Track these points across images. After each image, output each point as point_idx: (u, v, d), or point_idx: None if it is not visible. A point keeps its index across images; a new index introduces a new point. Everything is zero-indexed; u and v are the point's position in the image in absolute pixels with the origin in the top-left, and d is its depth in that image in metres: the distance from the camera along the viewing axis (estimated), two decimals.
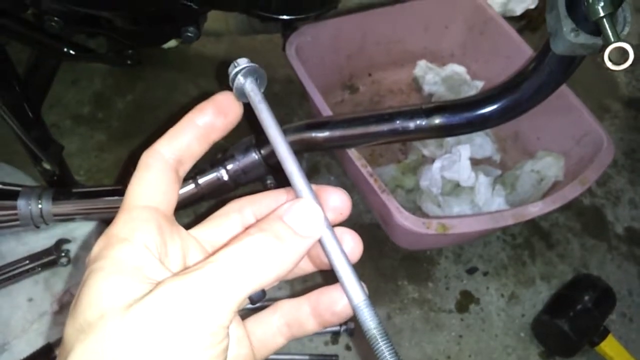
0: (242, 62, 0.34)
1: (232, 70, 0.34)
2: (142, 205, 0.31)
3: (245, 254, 0.29)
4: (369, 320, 0.31)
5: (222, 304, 0.27)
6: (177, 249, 0.33)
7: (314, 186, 0.34)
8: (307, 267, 0.36)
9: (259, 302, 0.33)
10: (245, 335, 0.33)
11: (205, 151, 0.34)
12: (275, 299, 0.37)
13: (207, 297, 0.27)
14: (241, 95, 0.34)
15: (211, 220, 0.36)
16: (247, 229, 0.31)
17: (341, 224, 0.35)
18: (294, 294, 1.03)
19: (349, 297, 0.32)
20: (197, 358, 0.26)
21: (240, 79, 0.34)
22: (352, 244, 0.34)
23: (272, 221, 0.31)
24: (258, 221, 0.32)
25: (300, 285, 1.06)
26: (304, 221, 0.31)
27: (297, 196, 0.33)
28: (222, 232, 0.35)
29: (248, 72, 0.34)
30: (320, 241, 0.32)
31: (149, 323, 0.26)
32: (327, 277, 0.31)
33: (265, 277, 0.29)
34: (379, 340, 0.30)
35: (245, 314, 0.35)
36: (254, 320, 0.35)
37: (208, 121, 0.33)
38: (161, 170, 0.33)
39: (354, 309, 0.31)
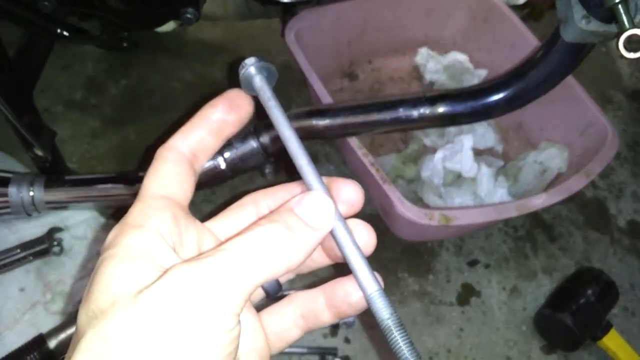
0: (251, 61, 0.35)
1: (242, 70, 0.34)
2: (158, 195, 0.31)
3: (255, 243, 0.28)
4: (383, 311, 0.30)
5: (232, 291, 0.27)
6: (192, 240, 0.32)
7: (325, 178, 0.33)
8: (322, 260, 0.36)
9: (275, 295, 0.34)
10: (261, 327, 0.33)
11: (220, 146, 0.35)
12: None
13: (216, 283, 0.27)
14: (251, 91, 0.35)
15: (226, 212, 0.36)
16: (259, 220, 0.31)
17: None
18: (292, 286, 1.02)
19: (362, 287, 0.31)
20: (208, 344, 0.26)
21: (249, 75, 0.34)
22: (365, 236, 0.34)
23: (283, 213, 0.30)
24: (271, 212, 0.32)
25: (300, 278, 1.04)
26: (315, 213, 0.30)
27: (308, 189, 0.32)
28: (237, 224, 0.35)
29: (258, 69, 0.34)
30: (332, 233, 0.31)
31: (158, 308, 0.26)
32: (331, 270, 0.29)
33: (275, 267, 0.29)
34: (394, 330, 0.30)
35: (261, 306, 0.35)
36: (269, 312, 0.35)
37: (220, 117, 0.34)
38: (176, 162, 0.33)
39: (367, 299, 0.31)
